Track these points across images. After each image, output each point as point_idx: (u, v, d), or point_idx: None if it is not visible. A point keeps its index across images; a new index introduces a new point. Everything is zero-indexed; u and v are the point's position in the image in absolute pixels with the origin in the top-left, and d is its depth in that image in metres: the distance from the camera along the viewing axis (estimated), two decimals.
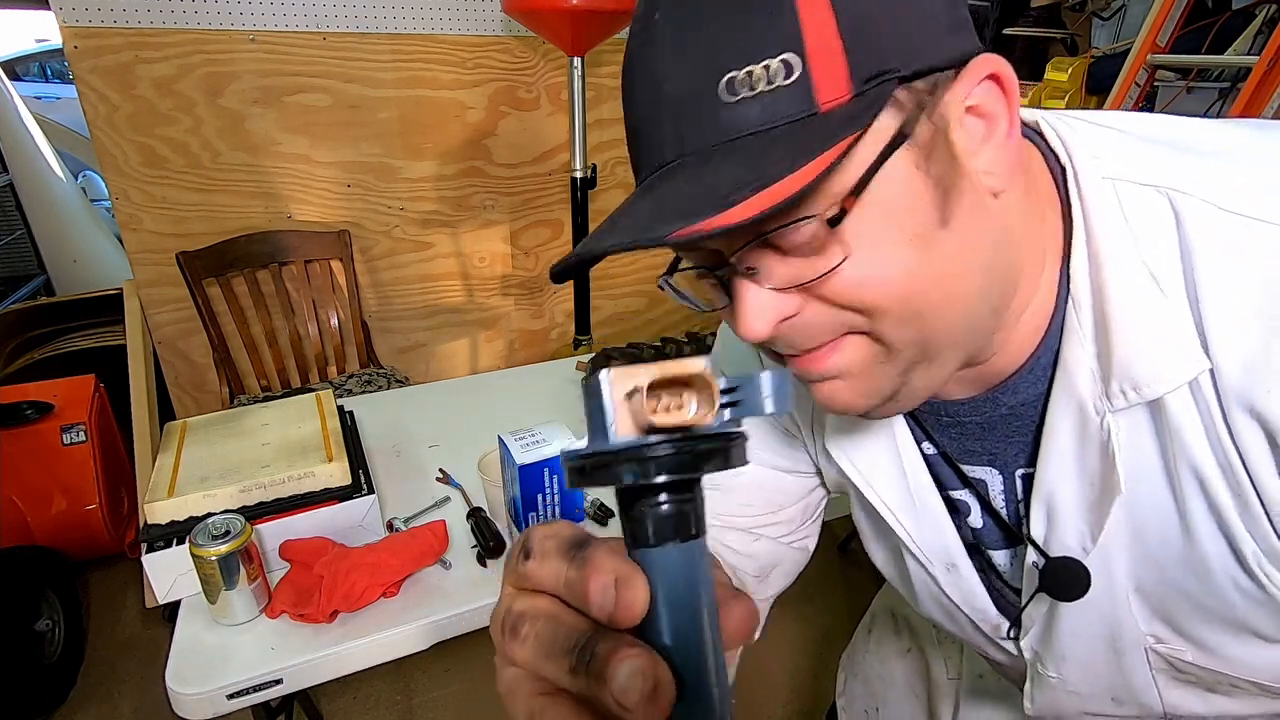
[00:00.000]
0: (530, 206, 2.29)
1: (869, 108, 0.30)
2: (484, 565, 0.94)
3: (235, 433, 1.03)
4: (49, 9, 1.59)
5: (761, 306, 0.34)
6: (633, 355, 1.46)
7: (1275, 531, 0.36)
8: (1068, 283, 0.38)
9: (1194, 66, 1.76)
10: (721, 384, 0.22)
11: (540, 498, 0.89)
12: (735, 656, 0.50)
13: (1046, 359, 0.40)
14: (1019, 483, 0.46)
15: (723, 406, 0.22)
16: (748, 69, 0.30)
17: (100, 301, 2.27)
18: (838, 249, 0.32)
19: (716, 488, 0.58)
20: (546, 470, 0.88)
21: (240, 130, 1.84)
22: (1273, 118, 1.52)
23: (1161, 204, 0.35)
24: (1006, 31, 2.16)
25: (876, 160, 0.31)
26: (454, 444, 1.20)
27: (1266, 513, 0.36)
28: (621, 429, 0.21)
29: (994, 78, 0.33)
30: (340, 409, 1.13)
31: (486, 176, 2.18)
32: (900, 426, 0.48)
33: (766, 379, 0.22)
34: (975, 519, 0.49)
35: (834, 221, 0.31)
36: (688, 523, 0.22)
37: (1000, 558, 0.50)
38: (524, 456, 0.87)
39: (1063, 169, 0.38)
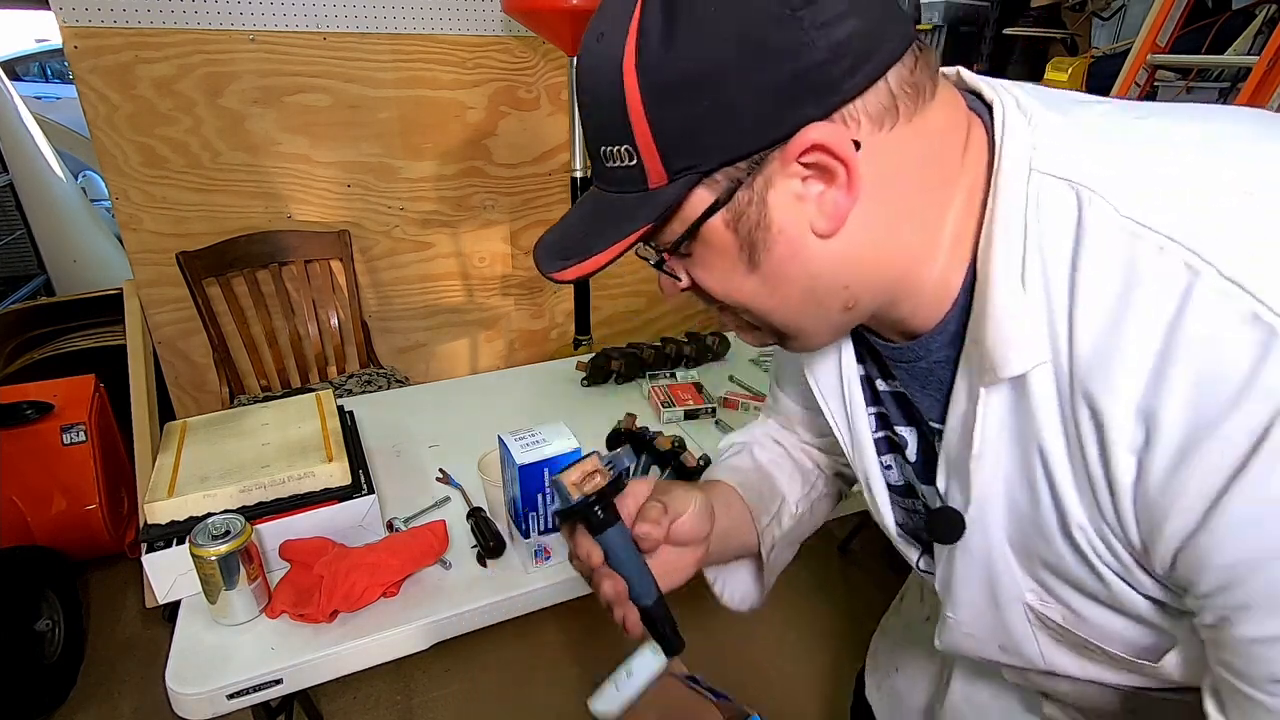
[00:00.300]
0: (530, 206, 2.30)
1: (677, 192, 0.42)
2: (484, 565, 0.94)
3: (235, 433, 1.03)
4: (49, 9, 1.59)
5: (666, 281, 0.50)
6: (632, 356, 1.46)
7: (1101, 511, 0.41)
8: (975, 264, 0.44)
9: (1194, 66, 1.75)
10: (605, 464, 0.54)
11: (540, 497, 0.89)
12: (681, 578, 0.60)
13: (955, 327, 0.46)
14: (934, 433, 0.52)
15: (611, 471, 0.54)
16: (611, 147, 0.43)
17: (100, 301, 2.27)
18: (686, 264, 0.47)
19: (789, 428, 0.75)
20: (546, 470, 0.88)
21: (240, 130, 1.84)
22: None
23: (1070, 199, 0.39)
24: (1006, 31, 2.16)
25: (695, 223, 0.43)
26: (454, 444, 1.20)
27: (1093, 490, 0.41)
28: (575, 494, 0.53)
29: (817, 147, 0.39)
30: (340, 409, 1.13)
31: (486, 176, 2.19)
32: (848, 355, 0.57)
33: (627, 453, 0.58)
34: (911, 454, 0.56)
35: (658, 265, 0.48)
36: (609, 519, 0.53)
37: (928, 493, 0.56)
38: (524, 456, 0.87)
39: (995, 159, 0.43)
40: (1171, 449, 0.36)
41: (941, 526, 0.51)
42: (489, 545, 0.94)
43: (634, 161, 0.42)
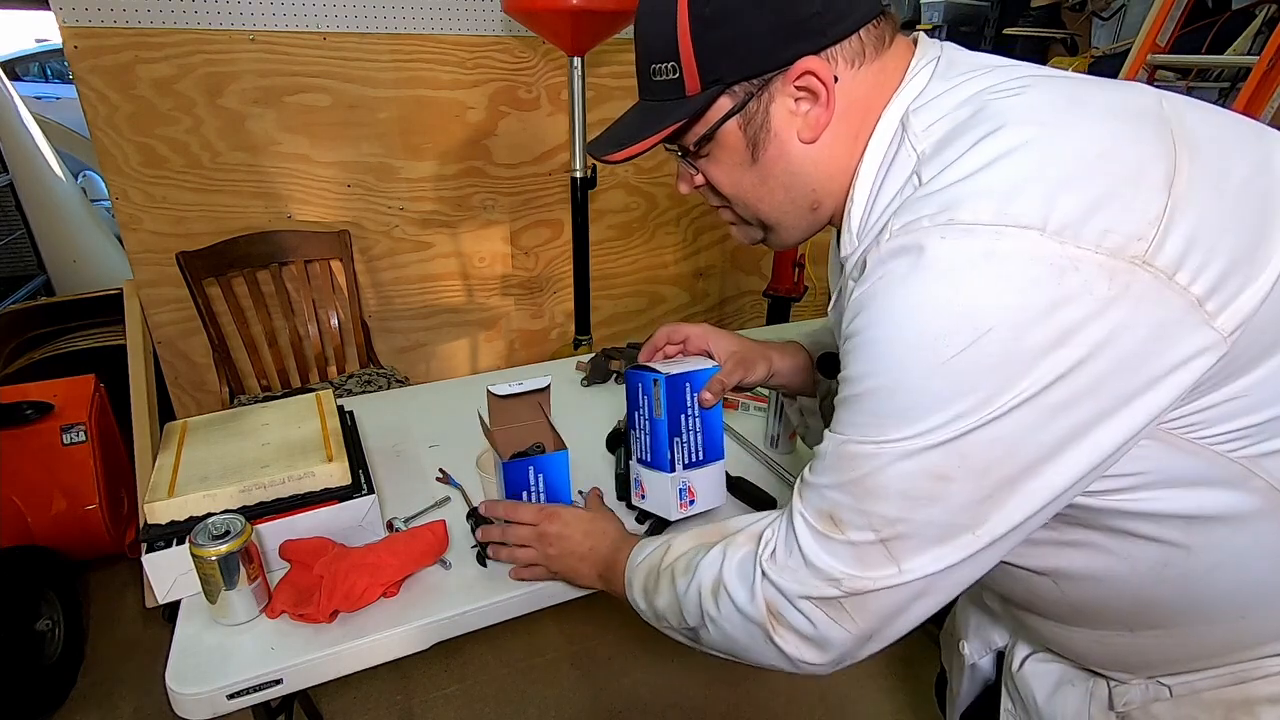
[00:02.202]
0: (530, 206, 2.30)
1: (708, 98, 0.58)
2: (484, 565, 0.94)
3: (235, 433, 1.03)
4: (49, 9, 1.59)
5: (684, 178, 0.67)
6: (632, 356, 1.46)
7: None
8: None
9: (1194, 66, 1.75)
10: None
11: (525, 495, 0.90)
12: None
13: None
14: None
15: None
16: (660, 64, 0.59)
17: (100, 301, 2.27)
18: (702, 163, 0.63)
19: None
20: (531, 469, 0.89)
21: (240, 130, 1.84)
22: (1272, 118, 1.52)
23: (898, 136, 0.55)
24: (1007, 31, 2.16)
25: (716, 124, 0.59)
26: (454, 444, 1.20)
27: None
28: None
29: (809, 73, 0.55)
30: (340, 409, 1.13)
31: (486, 176, 2.19)
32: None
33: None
34: None
35: (684, 155, 0.64)
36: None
37: None
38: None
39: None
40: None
41: (824, 364, 0.85)
42: (489, 545, 0.94)
43: (676, 75, 0.58)
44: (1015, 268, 0.43)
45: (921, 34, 0.60)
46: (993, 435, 0.45)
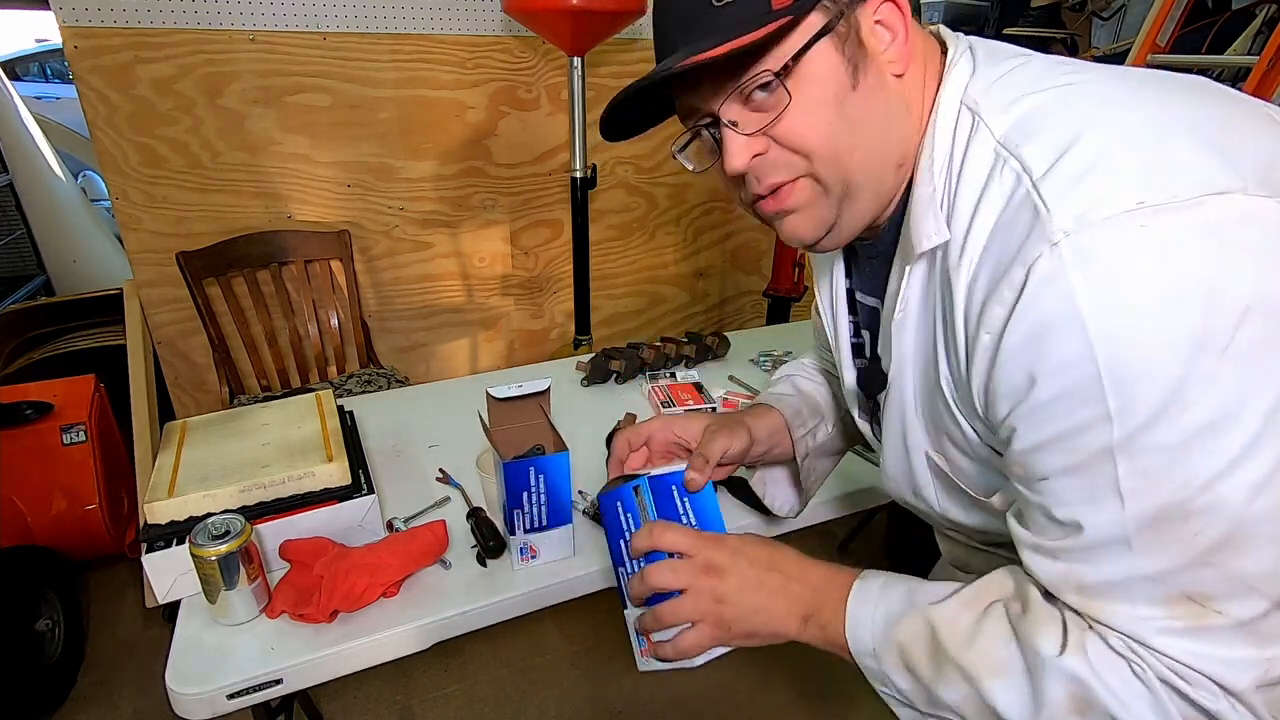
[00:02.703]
0: (530, 206, 2.30)
1: (801, 10, 0.49)
2: (484, 565, 0.94)
3: (235, 433, 1.03)
4: (49, 9, 1.59)
5: (740, 146, 0.53)
6: (632, 356, 1.46)
7: (952, 364, 0.52)
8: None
9: (1194, 66, 1.75)
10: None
11: (525, 495, 0.89)
12: None
13: (897, 221, 0.56)
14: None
15: None
16: None
17: (100, 301, 2.28)
18: (785, 98, 0.50)
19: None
20: (532, 470, 0.88)
21: (240, 130, 1.84)
22: None
23: (969, 121, 0.50)
24: (1007, 31, 2.16)
25: (809, 41, 0.49)
26: (454, 444, 1.20)
27: (952, 348, 0.51)
28: None
29: (889, 2, 0.51)
30: (340, 409, 1.13)
31: (486, 176, 2.19)
32: (839, 272, 0.70)
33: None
34: (866, 334, 0.69)
35: (781, 74, 0.50)
36: None
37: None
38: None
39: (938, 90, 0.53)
40: (976, 311, 0.46)
41: (870, 381, 0.66)
42: (489, 545, 0.94)
43: None
44: (1238, 234, 0.39)
45: (941, 25, 0.58)
46: None
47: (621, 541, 0.67)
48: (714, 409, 1.32)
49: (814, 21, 0.49)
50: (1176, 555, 0.41)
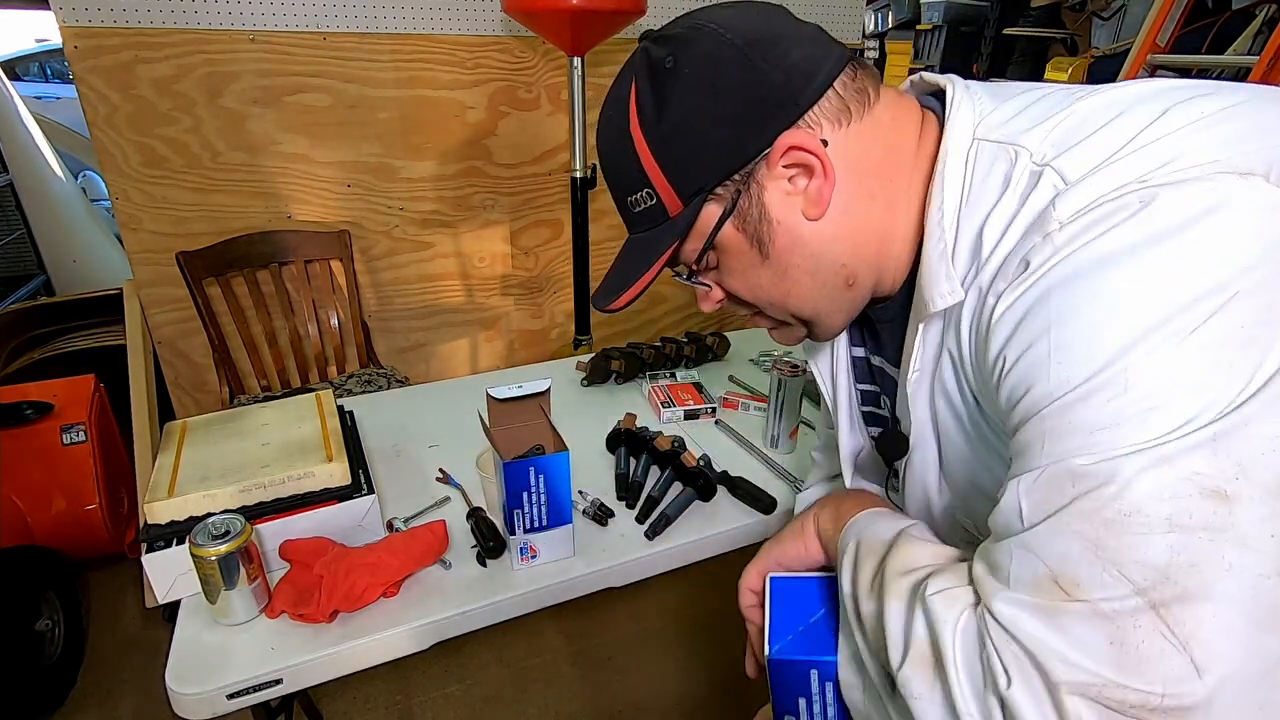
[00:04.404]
0: (530, 206, 2.29)
1: (693, 211, 0.54)
2: (484, 565, 0.94)
3: (235, 433, 1.03)
4: (49, 9, 1.59)
5: (703, 295, 0.61)
6: (632, 356, 1.46)
7: (980, 399, 0.50)
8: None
9: (1194, 66, 1.75)
10: None
11: (525, 495, 0.89)
12: None
13: (910, 283, 0.55)
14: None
15: None
16: (635, 194, 0.56)
17: (100, 301, 2.28)
18: (714, 277, 0.59)
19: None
20: (532, 470, 0.88)
21: (240, 130, 1.84)
22: None
23: (1006, 154, 0.47)
24: (1007, 31, 2.16)
25: (713, 231, 0.54)
26: (454, 444, 1.20)
27: (979, 381, 0.49)
28: None
29: (793, 149, 0.50)
30: (340, 409, 1.13)
31: (486, 176, 2.18)
32: (839, 341, 0.68)
33: None
34: (886, 400, 0.67)
35: (689, 277, 0.60)
36: None
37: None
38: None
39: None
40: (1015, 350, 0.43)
41: (889, 446, 0.63)
42: (489, 545, 0.94)
43: (654, 200, 0.55)
44: (1246, 220, 0.38)
45: (924, 73, 0.57)
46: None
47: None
48: (714, 409, 1.32)
49: (712, 212, 0.53)
50: (1061, 527, 0.38)
